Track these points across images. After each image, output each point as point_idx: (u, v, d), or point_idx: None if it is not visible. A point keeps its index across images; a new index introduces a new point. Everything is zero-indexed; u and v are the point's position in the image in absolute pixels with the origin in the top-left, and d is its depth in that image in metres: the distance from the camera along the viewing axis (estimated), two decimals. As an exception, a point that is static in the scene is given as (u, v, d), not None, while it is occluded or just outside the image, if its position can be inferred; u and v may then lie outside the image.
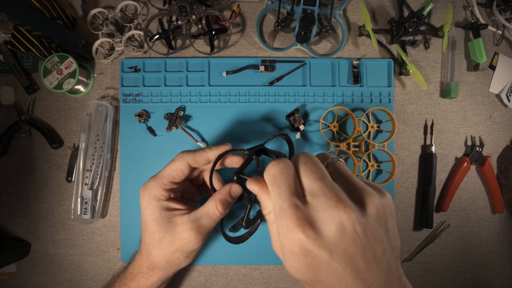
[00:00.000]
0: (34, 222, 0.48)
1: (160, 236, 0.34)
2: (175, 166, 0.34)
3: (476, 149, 0.49)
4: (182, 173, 0.35)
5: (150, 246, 0.35)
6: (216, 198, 0.33)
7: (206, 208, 0.34)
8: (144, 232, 0.36)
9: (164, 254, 0.35)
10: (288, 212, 0.21)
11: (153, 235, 0.35)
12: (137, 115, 0.47)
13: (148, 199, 0.34)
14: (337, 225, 0.20)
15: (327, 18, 0.49)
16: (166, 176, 0.35)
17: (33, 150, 0.49)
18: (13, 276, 0.48)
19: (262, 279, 0.48)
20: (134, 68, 0.48)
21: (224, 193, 0.33)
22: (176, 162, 0.35)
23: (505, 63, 0.51)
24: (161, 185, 0.34)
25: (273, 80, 0.49)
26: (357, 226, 0.21)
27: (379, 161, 0.49)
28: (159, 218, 0.34)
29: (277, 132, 0.48)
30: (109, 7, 0.50)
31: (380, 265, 0.22)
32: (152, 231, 0.35)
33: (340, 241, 0.21)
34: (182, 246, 0.34)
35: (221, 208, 0.34)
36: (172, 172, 0.34)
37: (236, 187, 0.33)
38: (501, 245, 0.50)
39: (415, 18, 0.45)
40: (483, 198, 0.51)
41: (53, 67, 0.45)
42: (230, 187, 0.33)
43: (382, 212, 0.22)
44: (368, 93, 0.49)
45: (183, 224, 0.34)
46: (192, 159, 0.34)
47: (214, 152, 0.35)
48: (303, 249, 0.21)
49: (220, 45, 0.50)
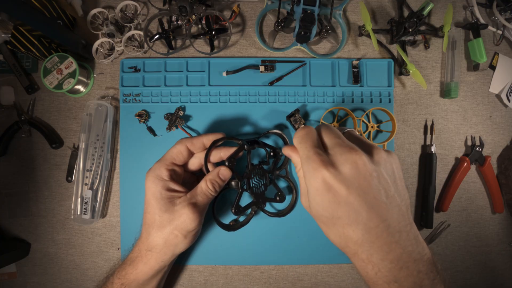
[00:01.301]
0: (34, 222, 0.48)
1: (160, 215, 0.36)
2: (175, 149, 0.39)
3: (476, 149, 0.49)
4: (182, 155, 0.39)
5: (150, 227, 0.37)
6: (207, 177, 0.38)
7: (200, 187, 0.38)
8: (146, 213, 0.38)
9: (163, 233, 0.37)
10: (313, 158, 0.27)
11: (153, 214, 0.37)
12: (137, 115, 0.47)
13: (152, 179, 0.37)
14: (351, 163, 0.26)
15: (327, 18, 0.49)
16: (167, 158, 0.39)
17: (33, 150, 0.49)
18: (13, 276, 0.48)
19: (262, 279, 0.48)
20: (134, 68, 0.48)
21: (214, 174, 0.38)
22: (176, 145, 0.39)
23: (505, 63, 0.51)
24: (164, 166, 0.38)
25: (273, 80, 0.49)
26: (368, 166, 0.26)
27: (379, 161, 0.49)
28: (160, 197, 0.37)
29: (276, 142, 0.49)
30: (109, 7, 0.50)
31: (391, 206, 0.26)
32: (153, 211, 0.37)
33: (354, 177, 0.26)
34: (180, 223, 0.36)
35: (211, 187, 0.38)
36: (172, 154, 0.39)
37: (224, 169, 0.38)
38: (501, 245, 0.50)
39: (415, 18, 0.46)
40: (483, 198, 0.51)
41: (53, 67, 0.45)
42: (219, 169, 0.38)
43: (389, 165, 0.28)
44: (368, 93, 0.49)
45: (181, 203, 0.37)
46: (189, 142, 0.39)
47: (209, 137, 0.39)
48: (326, 184, 0.26)
49: (220, 45, 0.50)
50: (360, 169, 0.26)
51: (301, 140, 0.30)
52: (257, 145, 0.43)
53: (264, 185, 0.43)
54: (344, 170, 0.26)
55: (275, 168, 0.44)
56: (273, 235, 0.48)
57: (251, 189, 0.42)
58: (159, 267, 0.38)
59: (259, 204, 0.42)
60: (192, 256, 0.47)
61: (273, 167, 0.44)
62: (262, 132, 0.46)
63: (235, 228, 0.43)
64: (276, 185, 0.44)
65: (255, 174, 0.42)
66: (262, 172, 0.43)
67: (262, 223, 0.47)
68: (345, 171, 0.26)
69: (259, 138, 0.44)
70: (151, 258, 0.37)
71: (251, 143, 0.42)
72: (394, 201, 0.26)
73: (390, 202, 0.26)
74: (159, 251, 0.37)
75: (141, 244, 0.38)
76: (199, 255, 0.47)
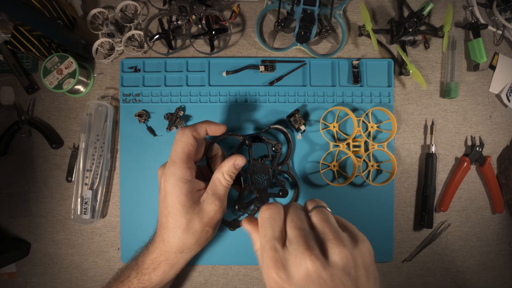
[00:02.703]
0: (34, 222, 0.48)
1: (188, 218, 0.36)
2: (182, 143, 0.35)
3: (476, 149, 0.49)
4: (192, 146, 0.36)
5: (176, 229, 0.36)
6: (223, 169, 0.37)
7: (217, 179, 0.37)
8: (168, 217, 0.36)
9: (195, 233, 0.36)
10: (268, 253, 0.25)
11: (179, 217, 0.35)
12: (137, 115, 0.47)
13: (175, 182, 0.35)
14: (304, 270, 0.23)
15: (327, 18, 0.49)
16: (182, 156, 0.35)
17: (33, 150, 0.49)
18: (13, 276, 0.48)
19: (262, 279, 0.48)
20: (134, 68, 0.48)
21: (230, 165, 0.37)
22: (181, 138, 0.35)
23: (505, 63, 0.51)
24: (184, 165, 0.35)
25: (273, 80, 0.49)
26: (322, 273, 0.23)
27: (379, 161, 0.49)
28: (186, 200, 0.35)
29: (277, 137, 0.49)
30: (109, 7, 0.50)
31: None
32: (178, 214, 0.35)
33: (307, 284, 0.23)
34: (210, 219, 0.37)
35: (229, 178, 0.37)
36: (184, 149, 0.35)
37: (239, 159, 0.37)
38: (501, 245, 0.50)
39: (415, 18, 0.45)
40: (483, 198, 0.51)
41: (53, 67, 0.45)
42: (234, 160, 0.37)
43: (351, 263, 0.24)
44: (368, 93, 0.49)
45: (205, 200, 0.36)
46: (194, 131, 0.36)
47: (211, 126, 0.37)
48: (277, 286, 0.24)
49: (220, 45, 0.50)
50: (312, 277, 0.23)
51: (262, 224, 0.27)
52: (259, 140, 0.44)
53: (267, 180, 0.43)
54: (296, 276, 0.23)
55: (277, 163, 0.45)
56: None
57: (254, 184, 0.42)
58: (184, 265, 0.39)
59: (262, 200, 0.42)
60: (192, 256, 0.47)
61: (275, 162, 0.44)
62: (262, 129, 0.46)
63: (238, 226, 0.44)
64: (279, 180, 0.44)
65: (257, 169, 0.42)
66: (264, 167, 0.43)
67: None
68: (297, 276, 0.23)
69: (260, 133, 0.44)
70: (181, 259, 0.38)
71: (252, 139, 0.43)
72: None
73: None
74: (191, 250, 0.38)
75: (168, 247, 0.37)
76: (199, 255, 0.47)
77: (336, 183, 0.48)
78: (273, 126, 0.45)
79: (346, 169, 0.49)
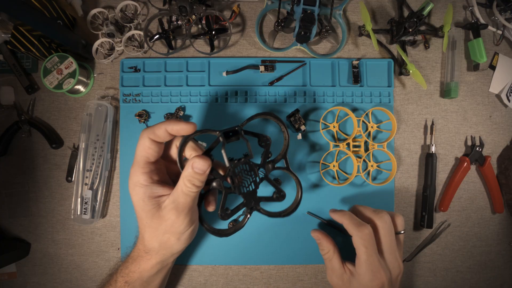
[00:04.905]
0: (34, 222, 0.48)
1: (148, 221, 0.35)
2: (140, 146, 0.34)
3: (476, 149, 0.49)
4: (152, 150, 0.34)
5: (142, 231, 0.36)
6: (183, 175, 0.33)
7: (179, 186, 0.33)
8: (137, 218, 0.36)
9: (155, 236, 0.36)
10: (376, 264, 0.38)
11: (142, 220, 0.35)
12: (137, 115, 0.47)
13: (132, 186, 0.34)
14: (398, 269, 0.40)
15: (327, 18, 0.49)
16: (138, 159, 0.34)
17: (33, 150, 0.49)
18: (13, 276, 0.48)
19: (262, 279, 0.48)
20: (134, 68, 0.48)
21: (189, 170, 0.32)
22: (140, 141, 0.34)
23: (505, 63, 0.51)
24: (138, 170, 0.34)
25: (273, 80, 0.49)
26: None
27: (379, 161, 0.49)
28: (144, 205, 0.34)
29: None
30: (109, 7, 0.50)
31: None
32: (141, 217, 0.35)
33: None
34: (169, 227, 0.35)
35: (189, 184, 0.32)
36: (141, 153, 0.34)
37: (198, 161, 0.32)
38: (501, 245, 0.50)
39: (415, 18, 0.45)
40: (483, 198, 0.51)
41: (53, 67, 0.45)
42: (192, 163, 0.32)
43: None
44: (368, 93, 0.49)
45: (165, 207, 0.34)
46: (152, 134, 0.33)
47: (172, 126, 0.33)
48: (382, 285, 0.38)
49: (220, 45, 0.50)
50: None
51: (367, 244, 0.37)
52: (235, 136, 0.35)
53: (254, 183, 0.36)
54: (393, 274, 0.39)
55: (268, 161, 0.37)
56: (273, 235, 0.48)
57: (237, 188, 0.35)
58: (160, 265, 0.38)
59: (251, 206, 0.36)
60: (192, 256, 0.47)
61: (263, 160, 0.36)
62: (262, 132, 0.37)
63: (227, 234, 0.37)
64: (272, 182, 0.37)
65: (239, 170, 0.35)
66: (249, 167, 0.35)
67: (262, 223, 0.47)
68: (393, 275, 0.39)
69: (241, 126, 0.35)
70: (151, 258, 0.37)
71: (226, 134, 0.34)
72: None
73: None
74: (156, 252, 0.37)
75: (140, 245, 0.38)
76: (199, 255, 0.47)
77: (336, 183, 0.48)
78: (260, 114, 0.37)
79: (346, 169, 0.49)
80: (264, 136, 0.36)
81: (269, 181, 0.37)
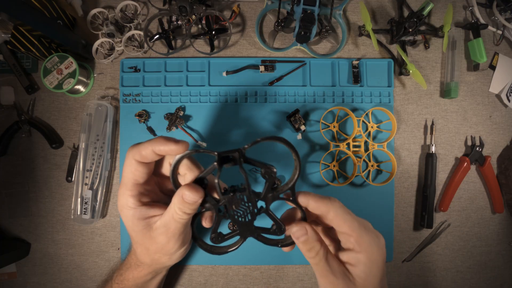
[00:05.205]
0: (34, 222, 0.48)
1: (138, 240, 0.34)
2: (127, 167, 0.31)
3: (476, 149, 0.49)
4: (139, 172, 0.30)
5: (134, 246, 0.36)
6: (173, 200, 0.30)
7: (170, 210, 0.31)
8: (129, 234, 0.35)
9: (147, 254, 0.35)
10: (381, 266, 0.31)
11: (133, 238, 0.35)
12: (137, 115, 0.47)
13: (120, 208, 0.32)
14: None
15: (327, 18, 0.49)
16: (126, 182, 0.31)
17: (33, 150, 0.49)
18: (13, 276, 0.48)
19: (262, 279, 0.48)
20: (134, 68, 0.48)
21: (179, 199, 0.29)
22: (126, 161, 0.31)
23: (505, 63, 0.51)
24: (126, 193, 0.31)
25: (273, 80, 0.49)
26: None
27: (379, 161, 0.49)
28: (133, 226, 0.32)
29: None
30: (109, 7, 0.50)
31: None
32: (131, 236, 0.34)
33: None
34: (159, 249, 0.34)
35: (180, 212, 0.30)
36: (128, 175, 0.31)
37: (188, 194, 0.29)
38: (501, 245, 0.50)
39: (415, 18, 0.45)
40: (483, 198, 0.51)
41: (53, 67, 0.45)
42: (182, 193, 0.29)
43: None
44: (368, 93, 0.49)
45: (156, 229, 0.32)
46: (137, 155, 0.29)
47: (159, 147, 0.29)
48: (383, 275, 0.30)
49: (220, 45, 0.50)
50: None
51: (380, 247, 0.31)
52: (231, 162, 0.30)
53: (251, 214, 0.31)
54: None
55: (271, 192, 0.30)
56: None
57: (232, 217, 0.31)
58: (154, 274, 0.39)
59: (245, 236, 0.32)
60: (192, 256, 0.47)
61: (265, 191, 0.30)
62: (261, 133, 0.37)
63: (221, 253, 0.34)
64: (272, 216, 0.31)
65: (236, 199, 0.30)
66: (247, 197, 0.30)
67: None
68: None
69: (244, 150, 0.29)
70: (142, 270, 0.37)
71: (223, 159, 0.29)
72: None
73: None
74: (148, 266, 0.37)
75: (133, 255, 0.38)
76: (199, 255, 0.47)
77: (336, 183, 0.48)
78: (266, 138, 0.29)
79: (346, 169, 0.49)
80: (268, 168, 0.30)
81: (268, 215, 0.31)
